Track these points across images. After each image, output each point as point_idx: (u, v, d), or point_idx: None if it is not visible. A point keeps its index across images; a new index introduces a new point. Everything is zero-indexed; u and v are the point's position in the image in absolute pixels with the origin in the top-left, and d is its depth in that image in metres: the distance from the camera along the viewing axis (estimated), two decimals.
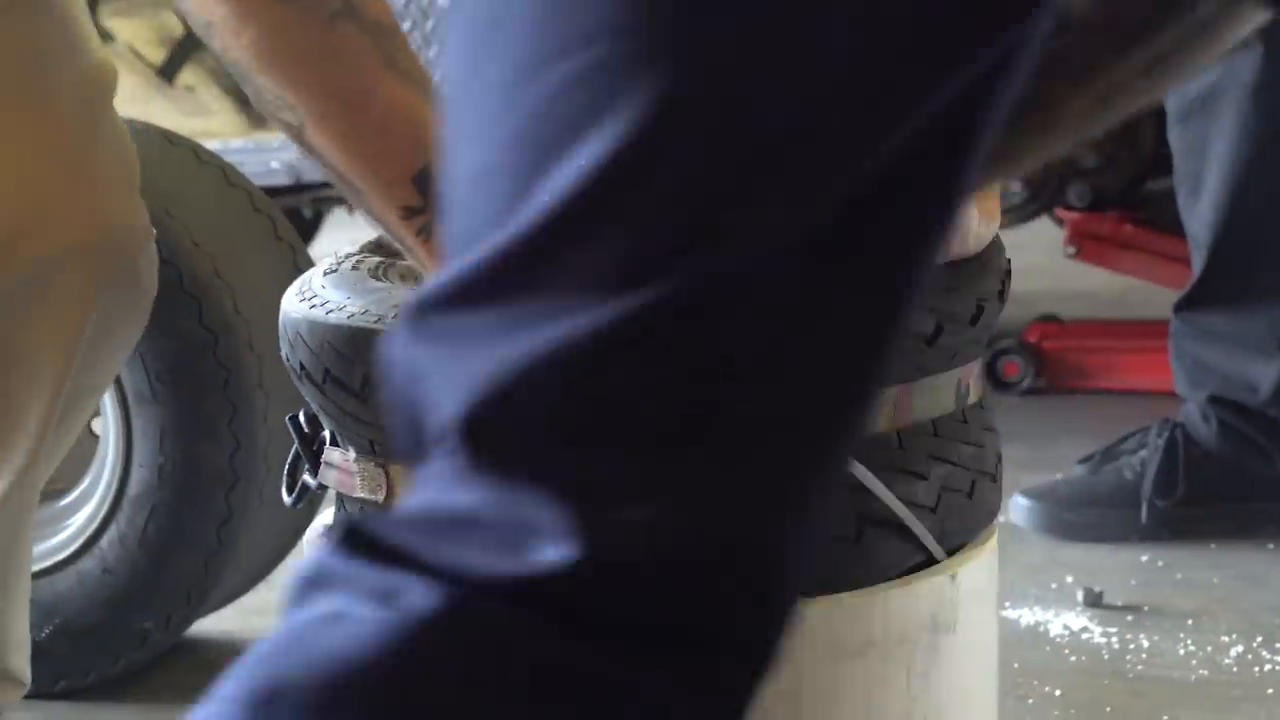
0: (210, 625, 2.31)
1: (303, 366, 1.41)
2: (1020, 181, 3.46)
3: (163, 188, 2.11)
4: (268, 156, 3.69)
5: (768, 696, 1.34)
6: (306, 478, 1.45)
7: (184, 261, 2.05)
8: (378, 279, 1.48)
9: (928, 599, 1.40)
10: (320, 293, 1.43)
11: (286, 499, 1.48)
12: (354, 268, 1.51)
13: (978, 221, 1.43)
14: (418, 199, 1.34)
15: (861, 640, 1.38)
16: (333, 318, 1.39)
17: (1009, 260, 1.53)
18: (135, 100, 4.19)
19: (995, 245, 1.48)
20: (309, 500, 1.52)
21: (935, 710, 1.41)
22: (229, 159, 2.34)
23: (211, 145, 2.62)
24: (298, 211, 4.60)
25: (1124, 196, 3.44)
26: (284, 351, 1.43)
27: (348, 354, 1.37)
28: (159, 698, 2.11)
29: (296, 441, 1.46)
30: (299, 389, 1.44)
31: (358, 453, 1.39)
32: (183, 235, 2.07)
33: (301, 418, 1.46)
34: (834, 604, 1.37)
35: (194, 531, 2.05)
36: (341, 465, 1.41)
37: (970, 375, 1.46)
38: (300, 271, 2.20)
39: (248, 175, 2.31)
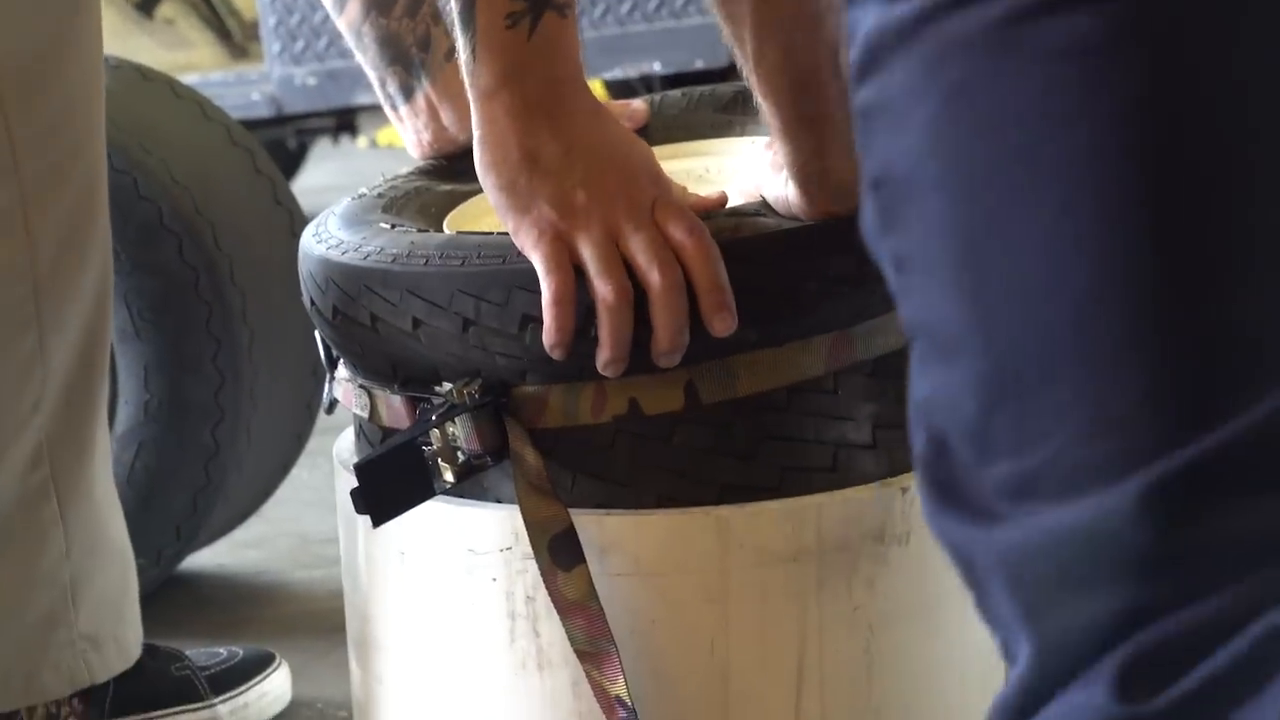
0: (203, 559, 2.32)
1: (313, 301, 1.49)
2: None
3: (140, 123, 2.11)
4: (249, 88, 3.67)
5: (695, 599, 1.37)
6: (329, 388, 1.54)
7: (163, 198, 2.04)
8: (390, 214, 1.52)
9: (873, 510, 1.41)
10: (334, 232, 1.49)
11: (324, 406, 1.58)
12: (378, 197, 1.58)
13: None
14: None
15: (792, 547, 1.39)
16: (337, 256, 1.45)
17: None
18: (115, 35, 4.16)
19: None
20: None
21: (884, 618, 1.43)
22: (210, 91, 2.33)
23: (192, 78, 2.61)
24: (281, 143, 4.58)
25: None
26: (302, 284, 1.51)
27: (351, 291, 1.42)
28: (153, 632, 2.11)
29: (323, 357, 1.54)
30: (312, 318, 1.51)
31: (352, 374, 1.50)
32: (161, 171, 2.07)
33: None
34: (759, 511, 1.39)
35: (181, 467, 2.05)
36: (345, 383, 1.51)
37: None
38: (280, 205, 2.20)
39: (229, 107, 2.30)
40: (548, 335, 1.33)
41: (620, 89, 3.91)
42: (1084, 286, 0.79)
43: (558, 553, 1.37)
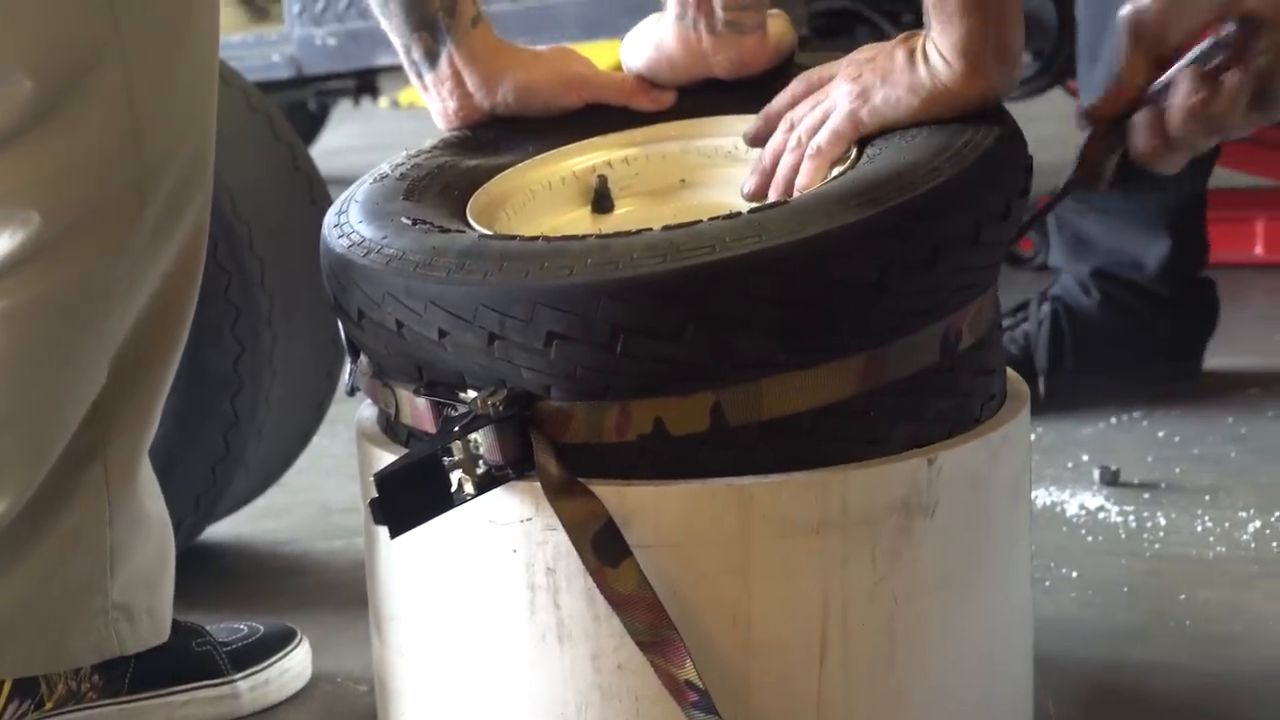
0: (222, 529, 2.31)
1: (336, 299, 1.49)
2: (1031, 53, 3.41)
3: None
4: (269, 50, 3.65)
5: (717, 571, 1.36)
6: (350, 374, 1.55)
7: None
8: (412, 200, 1.51)
9: (898, 481, 1.40)
10: (355, 227, 1.48)
11: (346, 389, 1.58)
12: (399, 179, 1.56)
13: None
14: None
15: (815, 519, 1.38)
16: (359, 257, 1.44)
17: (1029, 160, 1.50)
18: None
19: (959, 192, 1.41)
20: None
21: (909, 591, 1.41)
22: (230, 53, 2.31)
23: None
24: (302, 105, 4.56)
25: None
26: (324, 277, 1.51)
27: (375, 297, 1.42)
28: (173, 603, 2.11)
29: (345, 347, 1.55)
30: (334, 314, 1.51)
31: (375, 370, 1.50)
32: None
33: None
34: (783, 483, 1.37)
35: (201, 438, 2.04)
36: (367, 378, 1.51)
37: (964, 320, 1.43)
38: (299, 170, 2.19)
39: (249, 69, 2.28)
40: None
41: None
42: None
43: (602, 550, 1.36)
